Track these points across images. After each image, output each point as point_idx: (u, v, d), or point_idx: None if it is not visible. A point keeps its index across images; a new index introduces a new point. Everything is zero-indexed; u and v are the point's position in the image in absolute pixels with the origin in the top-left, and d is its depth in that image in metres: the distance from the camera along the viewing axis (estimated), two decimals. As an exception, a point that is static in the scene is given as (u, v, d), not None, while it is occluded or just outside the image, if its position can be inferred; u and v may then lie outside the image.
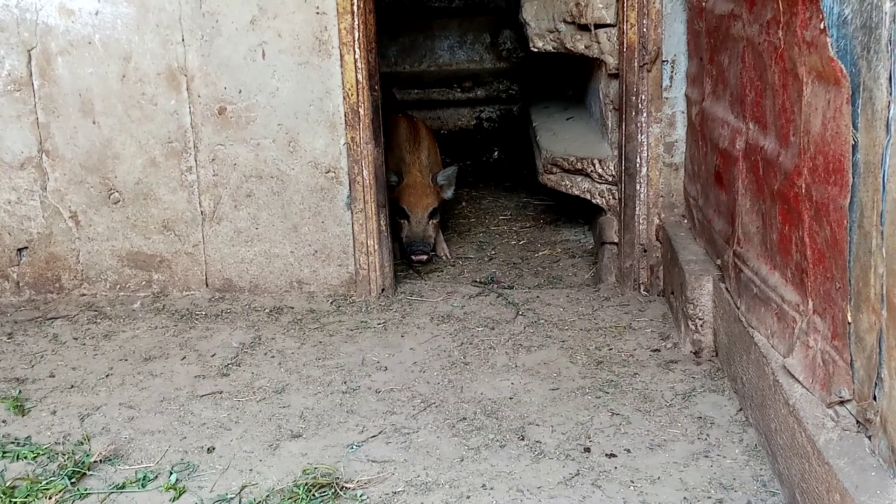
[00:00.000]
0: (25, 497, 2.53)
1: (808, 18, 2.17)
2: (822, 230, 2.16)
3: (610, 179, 3.89)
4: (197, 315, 3.71)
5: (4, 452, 2.76)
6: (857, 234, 1.98)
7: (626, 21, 3.54)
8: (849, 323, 2.05)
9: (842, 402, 2.13)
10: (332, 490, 2.51)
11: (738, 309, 2.85)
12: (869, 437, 2.03)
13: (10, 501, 2.51)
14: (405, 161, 4.49)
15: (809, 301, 2.28)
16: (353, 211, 3.75)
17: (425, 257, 4.25)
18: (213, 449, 2.77)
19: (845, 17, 1.98)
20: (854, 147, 1.96)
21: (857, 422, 2.08)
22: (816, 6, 2.09)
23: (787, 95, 2.37)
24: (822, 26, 2.07)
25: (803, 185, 2.26)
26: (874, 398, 1.98)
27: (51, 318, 3.72)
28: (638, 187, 3.69)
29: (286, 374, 3.21)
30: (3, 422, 2.96)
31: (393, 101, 5.29)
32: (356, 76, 3.60)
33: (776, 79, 2.45)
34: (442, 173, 4.53)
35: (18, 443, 2.83)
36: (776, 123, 2.47)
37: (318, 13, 3.57)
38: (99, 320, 3.69)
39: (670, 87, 3.61)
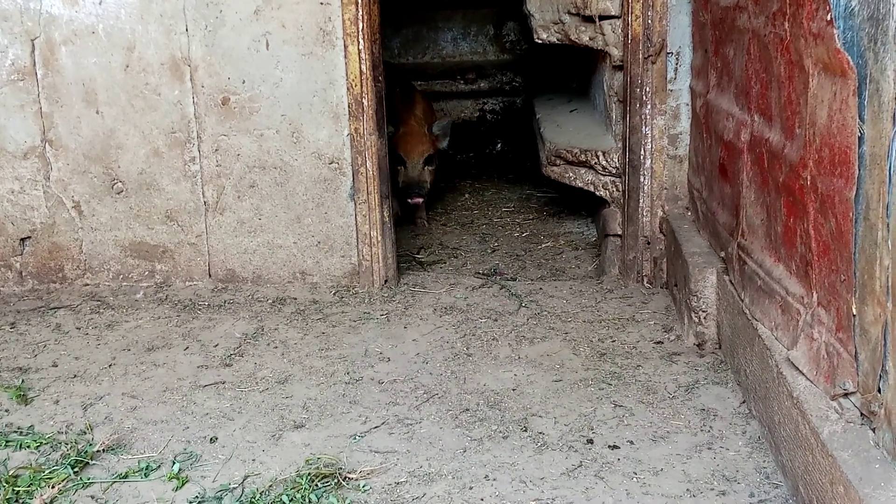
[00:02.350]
0: (28, 486, 2.53)
1: (814, 10, 2.16)
2: (827, 222, 2.15)
3: (614, 171, 3.88)
4: (200, 305, 3.71)
5: (7, 441, 2.76)
6: (863, 226, 1.97)
7: (631, 12, 3.53)
8: (853, 315, 2.04)
9: (846, 395, 2.13)
10: (335, 480, 2.51)
11: (742, 301, 2.84)
12: (873, 430, 2.02)
13: (13, 490, 2.51)
14: (400, 116, 4.76)
15: (814, 293, 2.27)
16: (356, 202, 3.75)
17: (421, 200, 4.65)
18: (216, 439, 2.77)
19: (852, 9, 1.97)
20: (860, 139, 1.96)
21: (861, 414, 2.07)
22: (823, -3, 2.08)
23: (793, 87, 2.36)
24: (828, 18, 2.07)
25: (809, 177, 2.25)
26: (878, 390, 1.98)
27: (54, 308, 3.72)
28: (642, 179, 3.68)
29: (289, 365, 3.21)
30: (6, 411, 2.96)
31: (393, 72, 5.38)
32: (360, 67, 3.60)
33: (782, 70, 2.44)
34: (437, 124, 4.90)
35: (21, 432, 2.83)
36: (782, 115, 2.47)
37: (322, 3, 3.56)
38: (102, 310, 3.69)
39: (675, 79, 3.60)
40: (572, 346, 3.29)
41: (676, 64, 3.59)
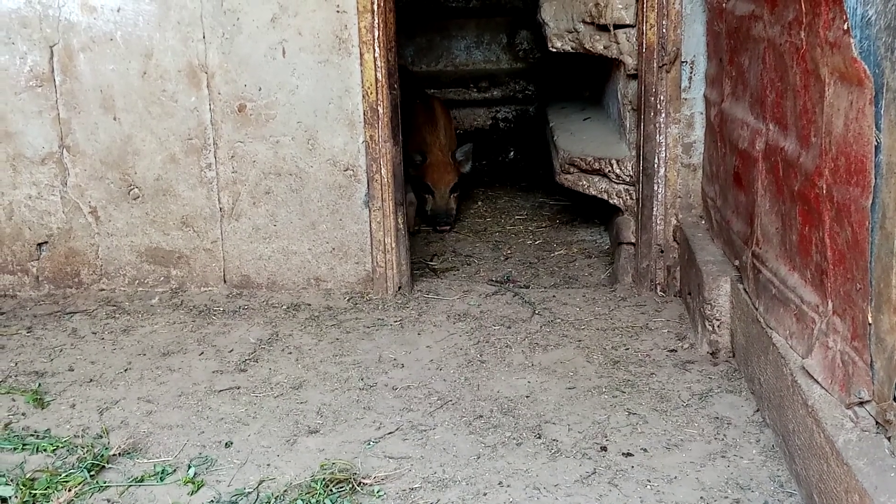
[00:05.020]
0: (45, 489, 2.55)
1: (831, 19, 2.17)
2: (842, 231, 2.16)
3: (627, 180, 3.89)
4: (215, 311, 3.73)
5: (24, 445, 2.78)
6: (879, 235, 1.98)
7: (646, 22, 3.54)
8: (869, 324, 2.05)
9: (861, 403, 2.13)
10: (350, 485, 2.52)
11: (757, 310, 2.85)
12: (888, 438, 2.03)
13: (30, 493, 2.53)
14: (426, 142, 5.03)
15: (829, 302, 2.28)
16: (370, 209, 3.76)
17: (448, 227, 4.89)
18: (231, 443, 2.78)
19: (869, 18, 1.98)
20: (877, 148, 1.96)
21: (877, 423, 2.08)
22: (840, 7, 2.09)
23: (809, 96, 2.37)
24: (845, 27, 2.07)
25: (824, 186, 2.26)
26: (894, 399, 1.98)
27: (70, 313, 3.74)
28: (656, 188, 3.69)
29: (303, 371, 3.23)
30: (23, 414, 2.98)
31: (411, 78, 5.49)
32: (376, 75, 3.61)
33: (798, 80, 2.45)
34: (460, 150, 5.13)
35: (38, 435, 2.85)
36: (797, 124, 2.47)
37: (338, 11, 3.59)
38: (117, 315, 3.71)
39: (689, 87, 3.61)
40: (586, 353, 3.30)
41: (691, 73, 3.60)
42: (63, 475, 2.61)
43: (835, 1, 2.13)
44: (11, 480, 2.58)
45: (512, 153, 6.40)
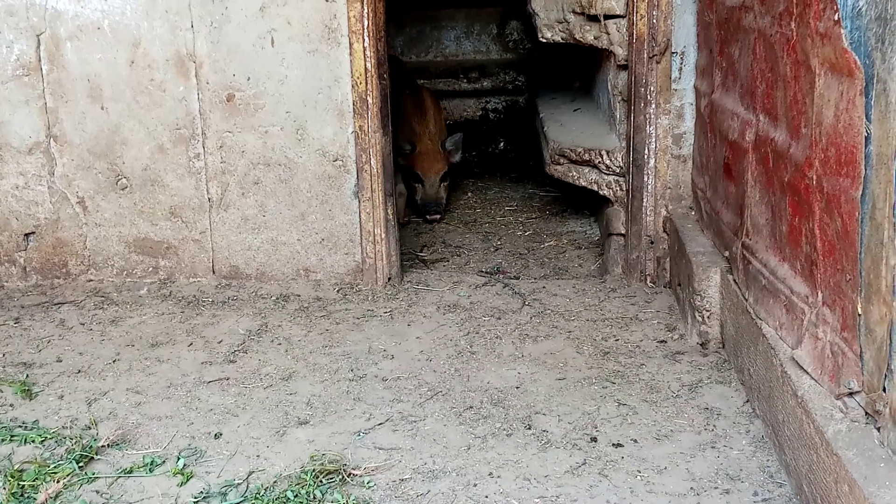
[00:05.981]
0: (33, 480, 2.54)
1: (821, 10, 2.17)
2: (832, 222, 2.16)
3: (617, 171, 3.88)
4: (203, 302, 3.71)
5: (12, 436, 2.77)
6: (869, 226, 1.98)
7: (636, 12, 3.54)
8: (859, 315, 2.05)
9: (851, 394, 2.13)
10: (340, 476, 2.52)
11: (746, 301, 2.85)
12: (878, 429, 2.03)
13: (19, 485, 2.52)
14: (416, 132, 5.02)
15: (819, 293, 2.28)
16: (360, 199, 3.75)
17: (438, 216, 4.88)
18: (221, 435, 2.77)
19: (860, 9, 1.98)
20: (867, 139, 1.96)
21: (866, 413, 2.08)
22: (831, -3, 2.09)
23: (799, 87, 2.37)
24: (836, 17, 2.07)
25: (814, 177, 2.26)
26: (884, 389, 1.98)
27: (58, 304, 3.72)
28: (646, 179, 3.69)
29: (293, 362, 3.22)
30: (11, 406, 2.97)
31: (402, 68, 5.46)
32: (365, 64, 3.60)
33: (788, 70, 2.45)
34: (450, 140, 5.10)
35: (26, 427, 2.84)
36: (787, 115, 2.47)
37: (327, 1, 3.57)
38: (106, 306, 3.69)
39: (679, 78, 3.61)
40: (576, 344, 3.30)
41: (681, 63, 3.60)
42: (52, 466, 2.60)
43: (826, -9, 2.12)
44: (-1, 472, 2.57)
45: (502, 144, 6.39)
